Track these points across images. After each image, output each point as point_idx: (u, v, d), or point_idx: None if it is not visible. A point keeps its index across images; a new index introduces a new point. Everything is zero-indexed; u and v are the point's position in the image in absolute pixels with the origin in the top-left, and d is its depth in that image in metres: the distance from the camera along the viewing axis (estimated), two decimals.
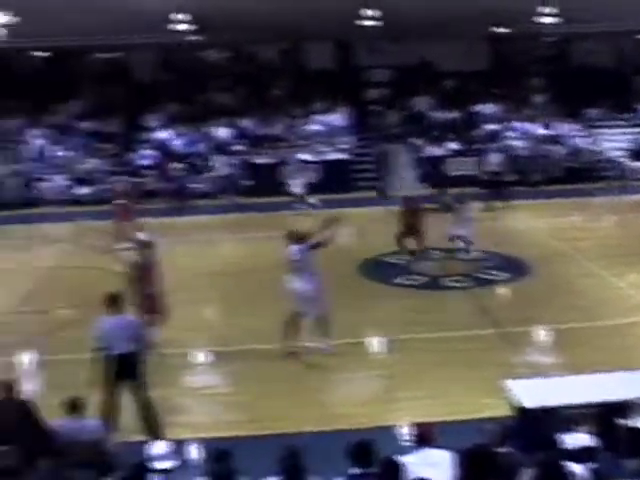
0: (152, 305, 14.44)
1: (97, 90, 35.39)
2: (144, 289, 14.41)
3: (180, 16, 22.85)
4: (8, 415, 9.42)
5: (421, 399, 12.12)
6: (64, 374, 13.67)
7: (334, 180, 30.07)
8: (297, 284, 13.65)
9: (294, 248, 13.68)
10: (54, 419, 9.58)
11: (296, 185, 27.86)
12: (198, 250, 22.62)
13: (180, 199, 29.64)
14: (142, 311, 13.97)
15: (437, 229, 20.44)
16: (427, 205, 20.54)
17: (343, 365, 13.62)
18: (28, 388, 12.50)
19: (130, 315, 11.77)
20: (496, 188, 26.76)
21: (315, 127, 33.11)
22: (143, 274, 14.50)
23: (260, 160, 31.10)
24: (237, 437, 10.78)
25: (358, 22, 25.32)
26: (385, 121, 33.63)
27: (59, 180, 31.45)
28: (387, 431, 10.70)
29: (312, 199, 27.30)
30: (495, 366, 12.87)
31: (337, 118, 33.43)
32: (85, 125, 34.05)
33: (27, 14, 19.49)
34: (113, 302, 11.29)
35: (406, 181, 29.91)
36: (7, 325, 16.87)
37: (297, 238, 13.81)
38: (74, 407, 9.27)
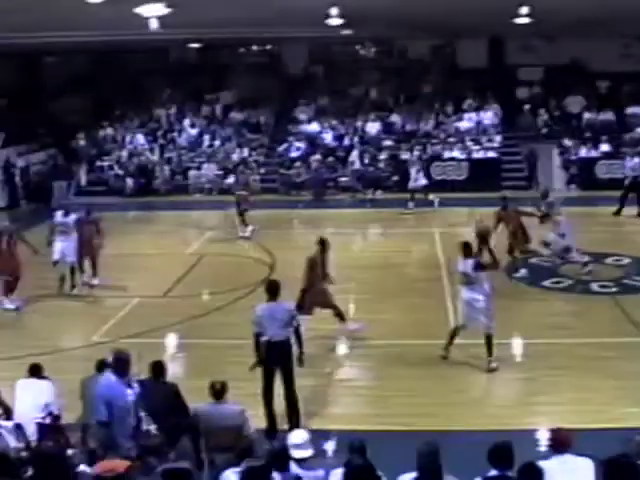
0: (320, 298, 14.73)
1: (249, 81, 35.97)
2: (311, 283, 14.67)
3: (333, 10, 22.97)
4: (155, 395, 9.73)
5: (562, 404, 11.96)
6: (209, 358, 14.06)
7: (481, 178, 29.74)
8: (467, 295, 13.48)
9: (467, 262, 13.53)
10: (197, 402, 9.84)
11: (418, 182, 27.51)
12: (341, 243, 22.64)
13: (323, 192, 29.91)
14: (310, 304, 14.44)
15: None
16: (523, 209, 19.89)
17: (487, 366, 13.52)
18: (174, 370, 12.86)
19: (287, 303, 11.93)
20: (636, 192, 25.86)
21: (464, 124, 32.79)
22: (314, 268, 14.73)
23: (407, 156, 30.90)
24: (375, 431, 10.85)
25: (511, 20, 24.95)
26: (535, 120, 33.08)
27: (209, 169, 32.12)
28: (525, 434, 10.59)
29: (432, 197, 27.11)
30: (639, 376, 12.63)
31: (487, 116, 33.05)
32: (236, 115, 34.66)
33: (181, 6, 19.89)
34: (272, 289, 11.50)
35: (554, 182, 29.32)
36: (157, 308, 17.43)
37: (469, 252, 13.60)
38: (217, 391, 9.48)
